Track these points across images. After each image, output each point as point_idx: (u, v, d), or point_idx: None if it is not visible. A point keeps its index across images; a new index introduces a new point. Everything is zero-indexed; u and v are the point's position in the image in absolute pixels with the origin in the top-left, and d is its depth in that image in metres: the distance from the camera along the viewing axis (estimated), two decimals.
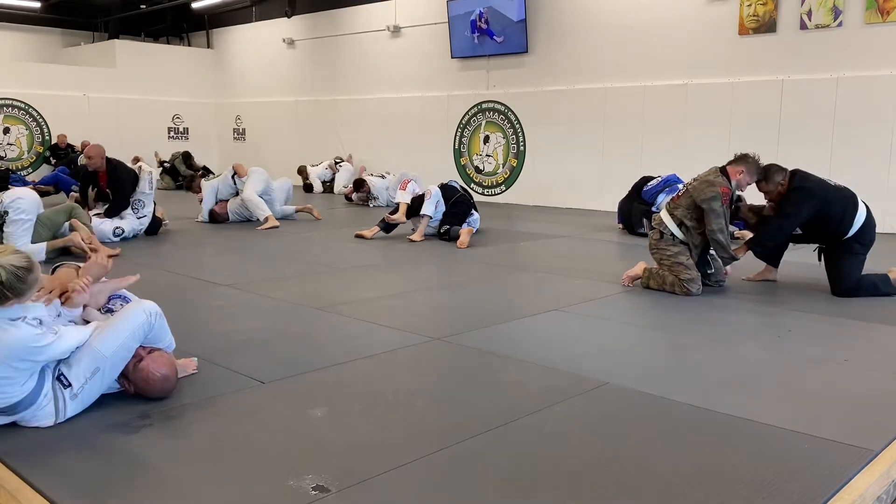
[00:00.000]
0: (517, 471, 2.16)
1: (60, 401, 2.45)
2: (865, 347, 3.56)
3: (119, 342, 2.56)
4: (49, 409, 2.43)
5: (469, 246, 6.53)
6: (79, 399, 2.50)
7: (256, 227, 7.67)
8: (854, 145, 7.69)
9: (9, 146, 13.21)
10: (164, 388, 2.67)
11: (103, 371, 2.53)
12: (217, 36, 15.68)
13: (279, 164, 13.24)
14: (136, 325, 2.62)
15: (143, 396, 2.67)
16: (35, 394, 2.40)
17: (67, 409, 2.47)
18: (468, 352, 3.39)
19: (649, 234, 4.87)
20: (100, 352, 2.51)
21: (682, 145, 8.93)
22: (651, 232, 4.80)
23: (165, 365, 2.69)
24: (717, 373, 3.11)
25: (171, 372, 2.70)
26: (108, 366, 2.53)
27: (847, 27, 7.74)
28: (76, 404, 2.50)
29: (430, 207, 6.89)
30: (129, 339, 2.59)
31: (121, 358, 2.58)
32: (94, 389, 2.54)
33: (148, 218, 6.96)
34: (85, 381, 2.49)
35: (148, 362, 2.65)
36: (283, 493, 2.00)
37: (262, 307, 4.27)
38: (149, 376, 2.63)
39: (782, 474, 2.13)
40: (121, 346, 2.56)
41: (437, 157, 11.51)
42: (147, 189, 6.86)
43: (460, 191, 7.31)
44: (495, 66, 10.85)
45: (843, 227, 4.52)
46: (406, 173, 8.77)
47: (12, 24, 15.24)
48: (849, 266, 4.56)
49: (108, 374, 2.55)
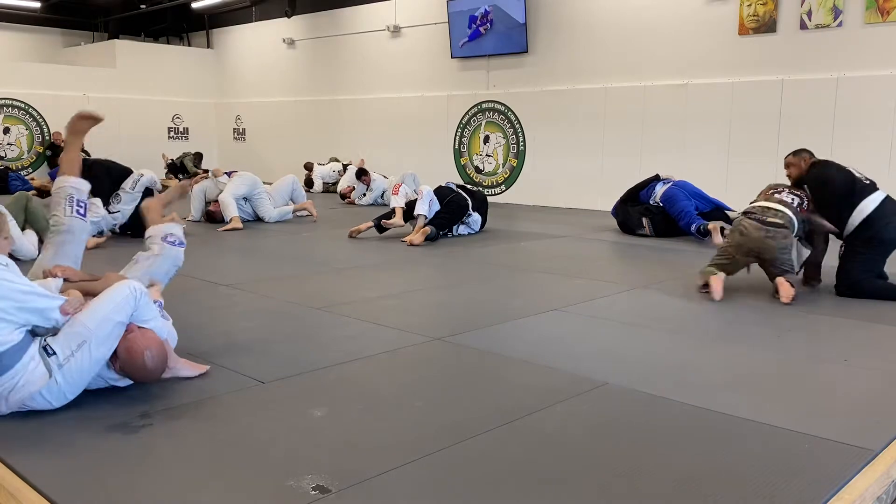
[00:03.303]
0: (517, 471, 2.16)
1: (44, 366, 2.45)
2: (865, 347, 3.56)
3: (102, 314, 2.54)
4: (41, 370, 2.43)
5: (418, 244, 6.53)
6: (67, 371, 2.47)
7: (217, 229, 7.63)
8: (854, 145, 7.69)
9: (9, 146, 13.21)
10: (147, 367, 2.61)
11: (89, 344, 2.50)
12: (217, 36, 15.68)
13: (279, 164, 13.26)
14: (120, 299, 2.59)
15: (128, 376, 2.66)
16: (19, 350, 2.40)
17: (57, 377, 2.45)
18: (468, 352, 3.39)
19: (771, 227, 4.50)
20: (84, 324, 2.50)
21: (682, 145, 8.93)
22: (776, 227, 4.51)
23: (153, 344, 2.64)
24: (717, 373, 3.11)
25: (158, 354, 2.64)
26: (92, 338, 2.50)
27: (847, 27, 7.74)
28: (66, 377, 2.47)
29: (424, 207, 6.89)
30: (113, 311, 2.56)
31: (105, 332, 2.53)
32: (83, 365, 2.50)
33: (121, 215, 6.87)
34: (71, 353, 2.47)
35: (136, 335, 2.62)
36: (283, 493, 2.00)
37: (262, 307, 4.27)
38: (132, 347, 2.58)
39: (782, 474, 2.13)
40: (104, 318, 2.53)
41: (437, 157, 11.51)
42: (129, 188, 6.87)
43: (455, 192, 7.28)
44: (495, 66, 10.85)
45: (841, 223, 4.52)
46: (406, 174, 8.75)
47: (12, 24, 15.24)
48: (849, 264, 4.55)
49: (94, 349, 2.51)
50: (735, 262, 4.60)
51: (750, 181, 7.04)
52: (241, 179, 8.18)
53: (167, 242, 3.29)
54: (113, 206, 6.85)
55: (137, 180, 6.90)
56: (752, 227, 4.47)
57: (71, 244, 3.14)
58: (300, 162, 12.86)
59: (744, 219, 4.57)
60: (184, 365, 2.94)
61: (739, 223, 4.57)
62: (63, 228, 3.13)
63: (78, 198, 3.17)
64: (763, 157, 8.20)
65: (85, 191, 3.24)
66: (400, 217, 6.97)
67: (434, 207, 7.00)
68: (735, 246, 4.57)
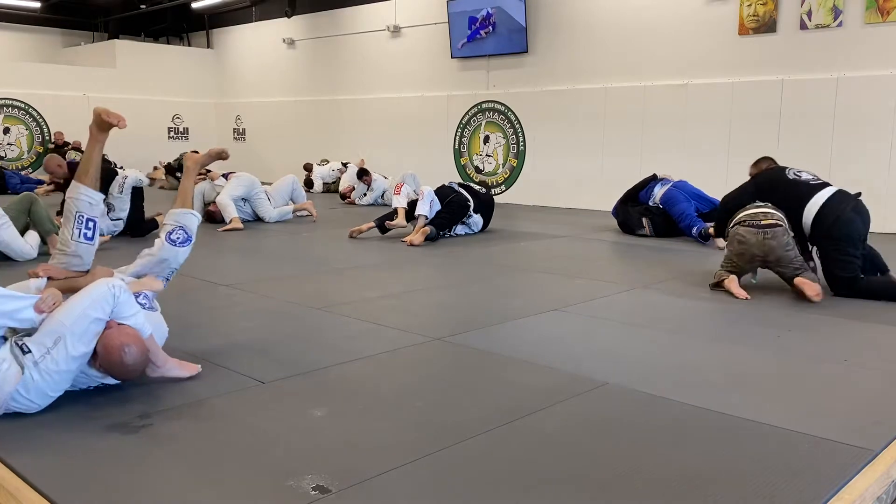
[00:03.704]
0: (517, 471, 2.16)
1: (16, 365, 2.42)
2: (865, 347, 3.56)
3: (79, 310, 2.50)
4: (13, 370, 2.40)
5: (418, 244, 6.53)
6: (44, 368, 2.44)
7: (217, 229, 7.62)
8: (854, 145, 7.69)
9: (9, 146, 13.21)
10: (125, 363, 2.57)
11: (65, 340, 2.46)
12: (217, 36, 15.68)
13: (279, 164, 13.26)
14: (97, 295, 2.55)
15: (110, 374, 2.64)
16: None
17: (33, 374, 2.42)
18: (468, 352, 3.39)
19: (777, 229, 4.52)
20: (60, 321, 2.48)
21: (682, 145, 8.93)
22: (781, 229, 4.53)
23: (132, 340, 2.59)
24: (717, 373, 3.10)
25: (137, 349, 2.59)
26: (68, 334, 2.47)
27: (847, 27, 7.74)
28: (43, 375, 2.44)
29: (425, 207, 6.89)
30: (90, 307, 2.52)
31: (81, 328, 2.49)
32: (60, 361, 2.46)
33: (122, 222, 6.99)
34: (46, 351, 2.44)
35: (114, 331, 2.57)
36: (283, 493, 2.00)
37: (262, 307, 4.27)
38: (109, 343, 2.54)
39: (782, 474, 2.13)
40: (80, 315, 2.49)
41: (437, 157, 11.51)
42: (116, 192, 6.88)
43: (456, 192, 7.27)
44: (495, 66, 10.86)
45: (798, 228, 4.61)
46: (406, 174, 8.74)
47: (12, 24, 15.25)
48: (829, 267, 4.59)
49: (70, 346, 2.47)
50: (741, 270, 4.62)
51: None
52: (238, 181, 8.20)
53: (168, 241, 3.22)
54: (111, 214, 6.90)
55: (122, 183, 6.93)
56: (749, 234, 4.49)
57: (78, 267, 3.08)
58: (300, 162, 12.86)
59: (738, 228, 4.59)
60: (174, 364, 2.88)
61: (735, 233, 4.60)
62: (69, 251, 3.05)
63: (88, 216, 3.07)
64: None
65: (98, 203, 3.14)
66: (402, 217, 6.97)
67: (435, 207, 6.99)
68: (737, 255, 4.58)
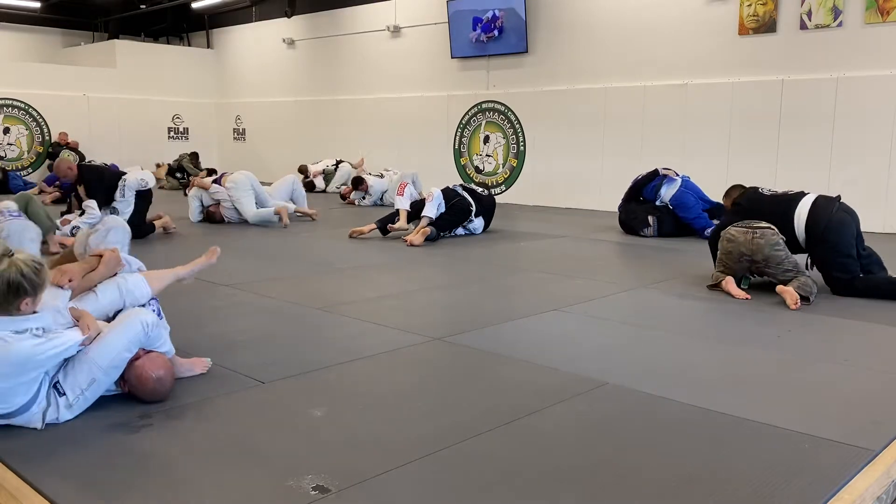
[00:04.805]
0: (517, 471, 2.16)
1: (52, 407, 2.46)
2: (865, 347, 3.56)
3: (114, 353, 2.57)
4: (38, 416, 2.44)
5: (418, 245, 6.54)
6: (76, 407, 2.52)
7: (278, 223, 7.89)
8: (854, 145, 7.69)
9: (9, 146, 13.21)
10: (157, 390, 2.66)
11: (98, 382, 2.55)
12: (217, 36, 15.68)
13: (279, 164, 13.25)
14: (132, 336, 2.62)
15: (137, 398, 2.67)
16: (33, 401, 2.41)
17: (60, 416, 2.48)
18: (468, 352, 3.39)
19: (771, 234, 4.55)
20: (96, 362, 2.53)
21: (682, 145, 8.93)
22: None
23: (161, 367, 2.69)
24: (717, 373, 3.11)
25: (166, 375, 2.69)
26: (102, 375, 2.55)
27: (847, 27, 7.74)
28: (73, 411, 2.51)
29: (433, 209, 6.86)
30: (125, 349, 2.60)
31: (116, 368, 2.59)
32: (90, 399, 2.56)
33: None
34: (81, 392, 2.51)
35: (144, 361, 2.66)
36: (283, 493, 2.01)
37: (262, 307, 4.27)
38: (142, 374, 2.63)
39: (782, 474, 2.13)
40: (116, 356, 2.57)
41: (437, 157, 11.51)
42: (119, 196, 6.91)
43: (460, 195, 7.22)
44: (495, 66, 10.85)
45: (791, 240, 4.61)
46: (406, 174, 8.73)
47: (12, 24, 15.24)
48: (828, 270, 4.66)
49: (102, 384, 2.58)
50: (732, 271, 4.64)
51: (750, 181, 6.99)
52: (243, 188, 8.10)
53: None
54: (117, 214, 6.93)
55: (123, 187, 6.95)
56: (739, 233, 4.56)
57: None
58: (300, 162, 12.85)
59: (730, 228, 4.65)
60: (190, 366, 2.97)
61: (726, 233, 4.65)
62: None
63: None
64: (763, 157, 8.19)
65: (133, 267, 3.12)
66: (405, 220, 6.94)
67: (440, 211, 6.98)
68: (726, 254, 4.63)
